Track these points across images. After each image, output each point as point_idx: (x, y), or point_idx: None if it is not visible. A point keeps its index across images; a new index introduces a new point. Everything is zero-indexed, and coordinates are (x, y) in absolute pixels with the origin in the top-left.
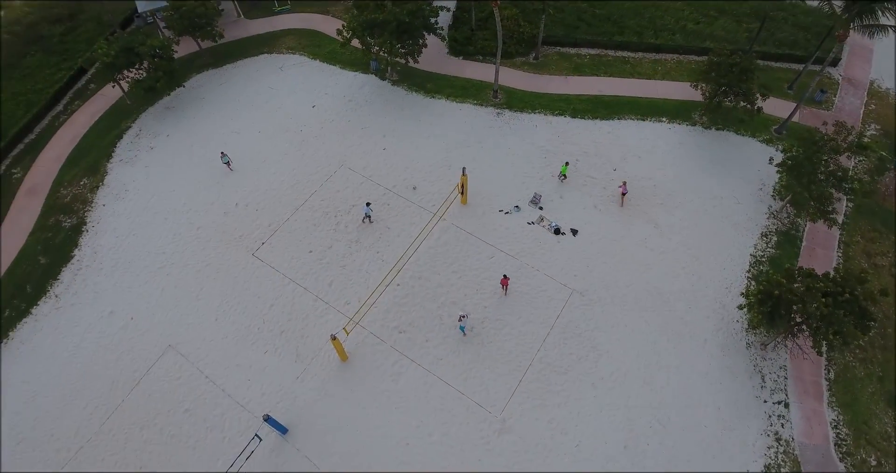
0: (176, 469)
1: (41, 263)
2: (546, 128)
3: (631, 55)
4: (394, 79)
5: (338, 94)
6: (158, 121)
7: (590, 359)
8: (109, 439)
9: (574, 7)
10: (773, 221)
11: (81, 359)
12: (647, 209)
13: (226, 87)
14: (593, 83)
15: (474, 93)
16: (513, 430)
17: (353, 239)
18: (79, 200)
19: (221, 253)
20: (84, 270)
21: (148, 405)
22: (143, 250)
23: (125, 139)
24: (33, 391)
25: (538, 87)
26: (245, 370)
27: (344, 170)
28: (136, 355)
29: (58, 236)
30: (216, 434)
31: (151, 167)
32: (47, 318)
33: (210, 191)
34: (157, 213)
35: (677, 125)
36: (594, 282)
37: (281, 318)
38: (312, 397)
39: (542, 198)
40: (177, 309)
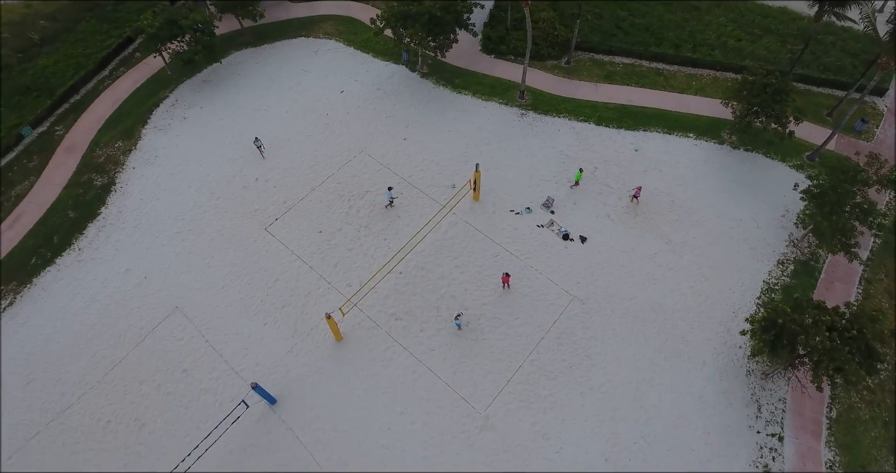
0: (166, 426)
1: (70, 217)
2: (569, 133)
3: (666, 67)
4: (423, 72)
5: (367, 82)
6: (194, 92)
7: (582, 368)
8: (110, 389)
9: (614, 15)
10: (793, 250)
11: (95, 311)
12: (661, 224)
13: (261, 66)
14: (623, 92)
15: (501, 92)
16: (495, 428)
17: (363, 223)
18: (112, 161)
19: (236, 225)
20: (108, 228)
21: (149, 361)
22: (165, 214)
23: (161, 107)
24: (47, 336)
25: (566, 92)
26: (244, 338)
27: (363, 157)
28: (145, 313)
29: (88, 193)
30: (209, 396)
31: (182, 136)
32: (69, 269)
33: (234, 164)
34: (181, 181)
35: (704, 142)
36: (596, 291)
37: (284, 293)
38: (304, 372)
39: (555, 202)
40: (188, 273)
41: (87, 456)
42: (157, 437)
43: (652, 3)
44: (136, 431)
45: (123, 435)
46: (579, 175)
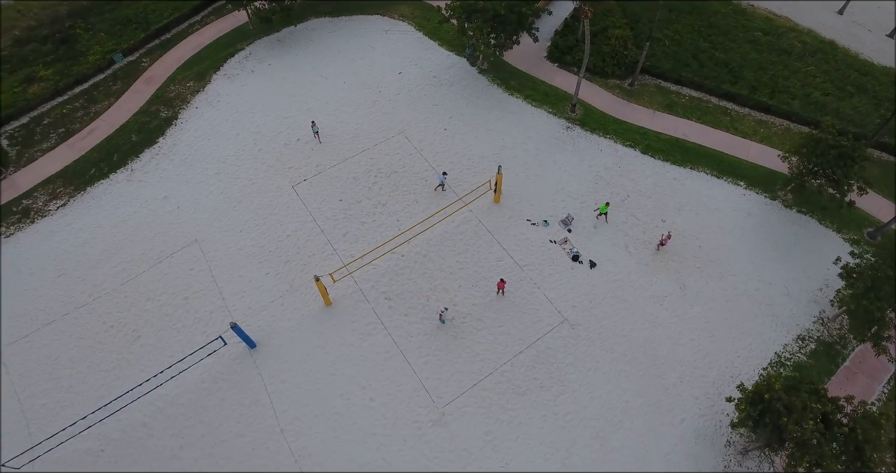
0: (157, 342)
1: (132, 140)
2: (610, 155)
3: (735, 108)
4: (482, 68)
5: (426, 68)
6: (267, 49)
7: (552, 391)
8: (121, 299)
9: (693, 44)
10: (820, 328)
11: (128, 227)
12: (681, 268)
13: (333, 36)
14: (681, 125)
15: (553, 102)
16: (447, 426)
17: (382, 201)
18: (179, 98)
19: (268, 178)
20: (160, 156)
21: (159, 282)
22: (210, 154)
23: (235, 58)
24: (85, 239)
25: (620, 114)
26: (244, 282)
27: (400, 138)
28: (168, 239)
29: (152, 122)
30: (200, 326)
31: (246, 87)
32: (118, 185)
33: (282, 121)
34: (232, 127)
35: (754, 194)
36: (590, 320)
37: (291, 249)
38: (287, 325)
39: (575, 222)
40: (214, 211)
41: (86, 352)
42: (146, 350)
43: (739, 40)
44: (132, 341)
45: (120, 342)
46: (605, 207)
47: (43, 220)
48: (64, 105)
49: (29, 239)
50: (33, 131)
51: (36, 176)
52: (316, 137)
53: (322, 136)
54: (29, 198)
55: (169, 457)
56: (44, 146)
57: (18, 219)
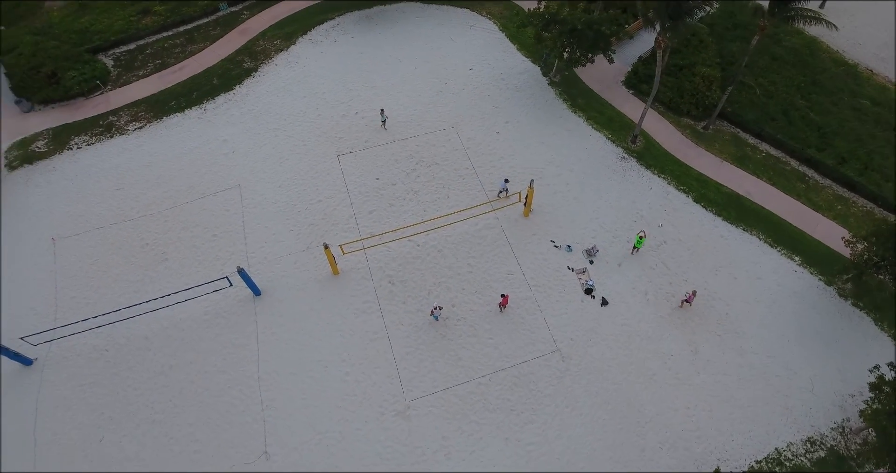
0: (179, 268)
1: (212, 83)
2: (659, 196)
3: (816, 177)
4: (553, 80)
5: (497, 69)
6: (354, 23)
7: (522, 417)
8: (161, 222)
9: (787, 99)
10: (837, 437)
11: (187, 160)
12: (699, 330)
13: (419, 22)
14: (747, 182)
15: (615, 129)
16: (409, 421)
17: (416, 189)
18: (264, 53)
19: (318, 143)
20: (231, 102)
21: (197, 215)
22: (275, 110)
23: (324, 26)
24: (149, 162)
25: (684, 155)
26: (269, 234)
27: (451, 132)
28: (216, 177)
29: (235, 70)
30: (218, 264)
31: (325, 55)
32: (189, 121)
33: (347, 93)
34: (302, 89)
35: (808, 273)
36: (585, 357)
37: (318, 214)
38: (293, 283)
39: (599, 254)
40: (262, 163)
41: (119, 261)
42: (168, 272)
43: (842, 105)
44: (159, 261)
45: (149, 259)
46: (639, 241)
47: (120, 137)
48: (166, 40)
49: (104, 151)
50: (135, 58)
51: (126, 97)
52: (382, 125)
53: (369, 114)
54: (115, 115)
55: (156, 373)
56: (140, 73)
57: (101, 131)
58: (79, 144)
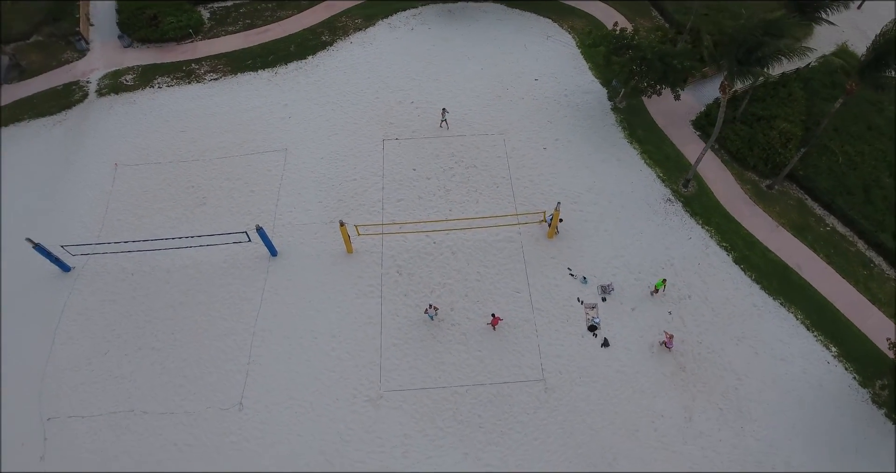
0: (212, 215)
1: (289, 50)
2: (697, 248)
3: (882, 266)
4: (618, 106)
5: (563, 84)
6: (434, 15)
7: (488, 436)
8: (209, 169)
9: (874, 174)
10: None
11: (247, 117)
12: (700, 398)
13: (498, 24)
14: (800, 254)
15: (669, 168)
16: (378, 409)
17: (448, 187)
18: (343, 30)
19: (368, 124)
20: (301, 70)
21: (241, 169)
22: (338, 85)
23: (405, 13)
24: (213, 112)
25: (737, 211)
26: (299, 201)
27: (498, 138)
28: (267, 138)
29: (312, 41)
30: (248, 218)
31: (399, 41)
32: (259, 81)
33: (408, 81)
34: (368, 70)
35: (842, 368)
36: (569, 394)
37: (349, 191)
38: (308, 252)
39: (614, 293)
40: (312, 133)
41: (164, 197)
42: (202, 215)
43: None
44: (198, 204)
45: (190, 200)
46: (661, 283)
47: (196, 85)
48: (259, 3)
49: (179, 95)
50: (229, 14)
51: (211, 49)
52: (443, 124)
53: (432, 109)
54: (197, 64)
55: (167, 305)
56: (229, 29)
57: (182, 76)
58: (160, 84)
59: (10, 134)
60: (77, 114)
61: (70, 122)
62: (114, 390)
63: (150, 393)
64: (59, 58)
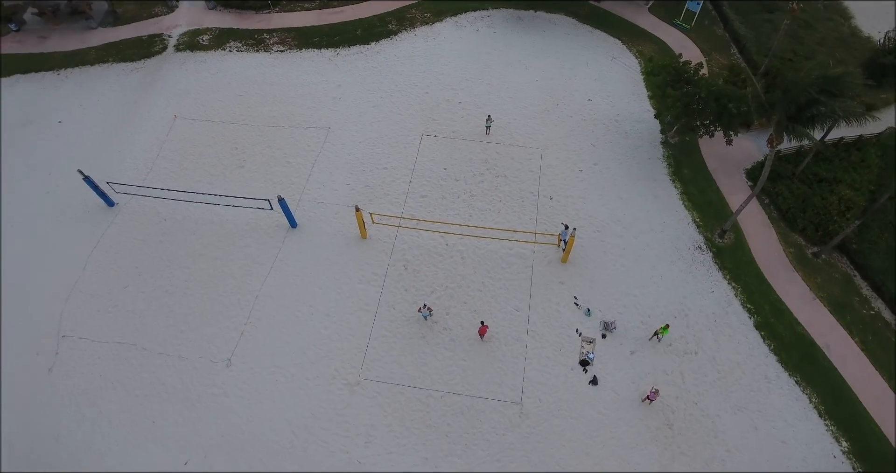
0: (247, 179)
1: (356, 33)
2: (717, 303)
3: None
4: (669, 140)
5: (616, 109)
6: (503, 19)
7: (451, 447)
8: (254, 135)
9: None
10: None
11: (301, 90)
12: (681, 459)
13: (565, 38)
14: (833, 334)
15: (708, 215)
16: (352, 394)
17: (474, 192)
18: (410, 21)
19: (412, 117)
20: (361, 55)
21: (283, 140)
22: (392, 75)
23: (474, 13)
24: (271, 82)
25: (772, 273)
26: (331, 180)
27: (535, 153)
28: (314, 115)
29: (379, 28)
30: (277, 187)
31: (461, 40)
32: (321, 59)
33: (462, 83)
34: (425, 64)
35: (849, 467)
36: (543, 425)
37: (377, 179)
38: (325, 230)
39: (615, 333)
40: (357, 117)
41: (208, 154)
42: (238, 177)
43: None
44: (236, 167)
45: (230, 162)
46: (665, 330)
47: (263, 54)
48: None
49: (246, 61)
50: None
51: (284, 22)
52: (487, 130)
53: (478, 113)
54: (269, 35)
55: (187, 255)
56: (305, 5)
57: (252, 44)
58: (231, 48)
59: (96, 72)
60: (154, 64)
61: (146, 70)
62: (124, 322)
63: (154, 332)
64: (150, 10)
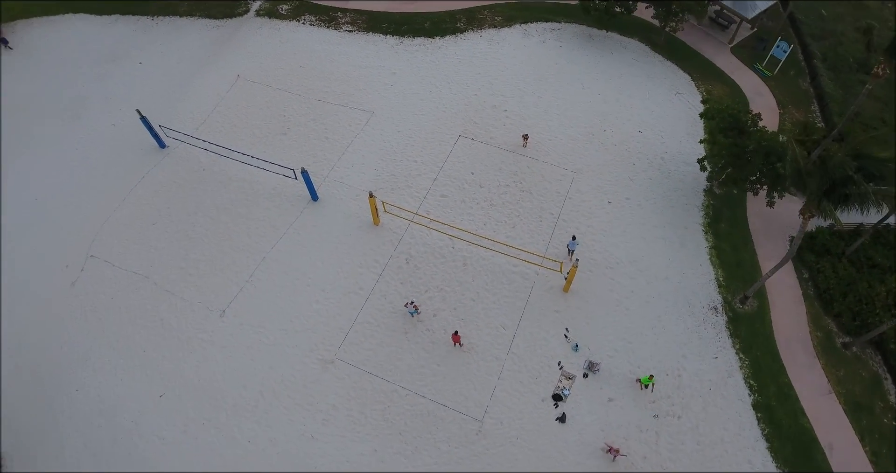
0: (283, 146)
1: (424, 25)
2: (718, 371)
3: None
4: (713, 189)
5: (665, 146)
6: (572, 35)
7: (402, 446)
8: (303, 106)
9: None
10: None
11: (358, 71)
12: None
13: (632, 65)
14: (841, 436)
15: (734, 277)
16: (323, 370)
17: (494, 203)
18: (479, 22)
19: (454, 116)
20: (423, 47)
21: (327, 116)
22: (447, 72)
23: (546, 24)
24: (333, 59)
25: (788, 354)
26: (360, 161)
27: (567, 175)
28: (363, 97)
29: (447, 24)
30: (309, 160)
31: (525, 49)
32: (385, 44)
33: (514, 89)
34: (482, 66)
35: None
36: (497, 448)
37: (404, 170)
38: (342, 210)
39: (598, 375)
40: (402, 106)
41: (255, 119)
42: (279, 143)
43: None
44: (279, 133)
45: (274, 128)
46: (647, 380)
47: (332, 31)
48: None
49: (316, 36)
50: None
51: (360, 4)
52: (523, 143)
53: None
54: (342, 13)
55: (213, 206)
56: None
57: (325, 20)
58: (306, 21)
59: (183, 24)
60: (233, 24)
61: (225, 30)
62: (144, 255)
63: (167, 270)
64: None
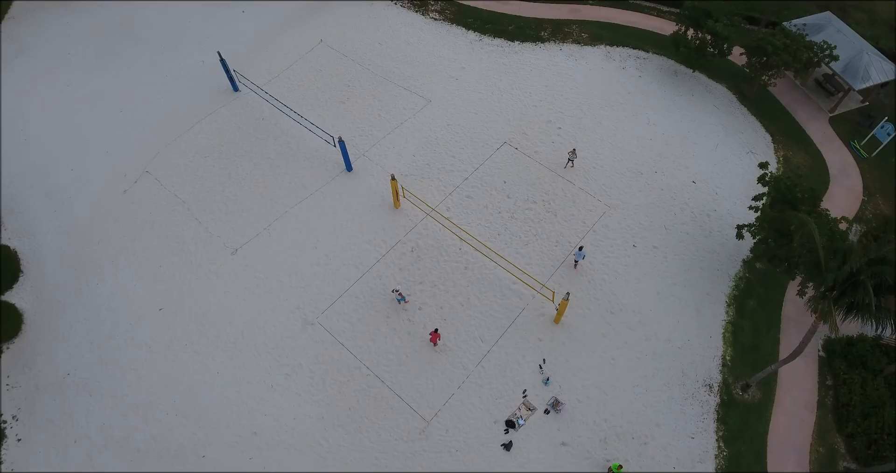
0: (342, 110)
1: (508, 28)
2: (689, 451)
3: None
4: (753, 263)
5: (717, 203)
6: (657, 68)
7: (346, 423)
8: (367, 80)
9: None
10: None
11: (428, 59)
12: None
13: (712, 111)
14: None
15: (744, 360)
16: (301, 330)
17: (515, 216)
18: (564, 36)
19: (505, 123)
20: (499, 49)
21: (387, 95)
22: (514, 79)
23: (632, 51)
24: (409, 43)
25: (776, 461)
26: (401, 146)
27: (600, 208)
28: (426, 84)
29: (531, 31)
30: (356, 131)
31: (602, 71)
32: (463, 38)
33: (576, 109)
34: (550, 79)
35: None
36: (436, 453)
37: (438, 163)
38: (369, 186)
39: (561, 414)
40: (460, 102)
41: (326, 83)
42: (335, 109)
43: None
44: (339, 101)
45: (336, 96)
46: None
47: (419, 16)
48: None
49: (402, 17)
50: None
51: None
52: (568, 165)
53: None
54: (434, 2)
55: (259, 154)
56: None
57: (417, 4)
58: (401, 3)
59: None
60: None
61: None
62: (189, 183)
63: (202, 201)
64: None
